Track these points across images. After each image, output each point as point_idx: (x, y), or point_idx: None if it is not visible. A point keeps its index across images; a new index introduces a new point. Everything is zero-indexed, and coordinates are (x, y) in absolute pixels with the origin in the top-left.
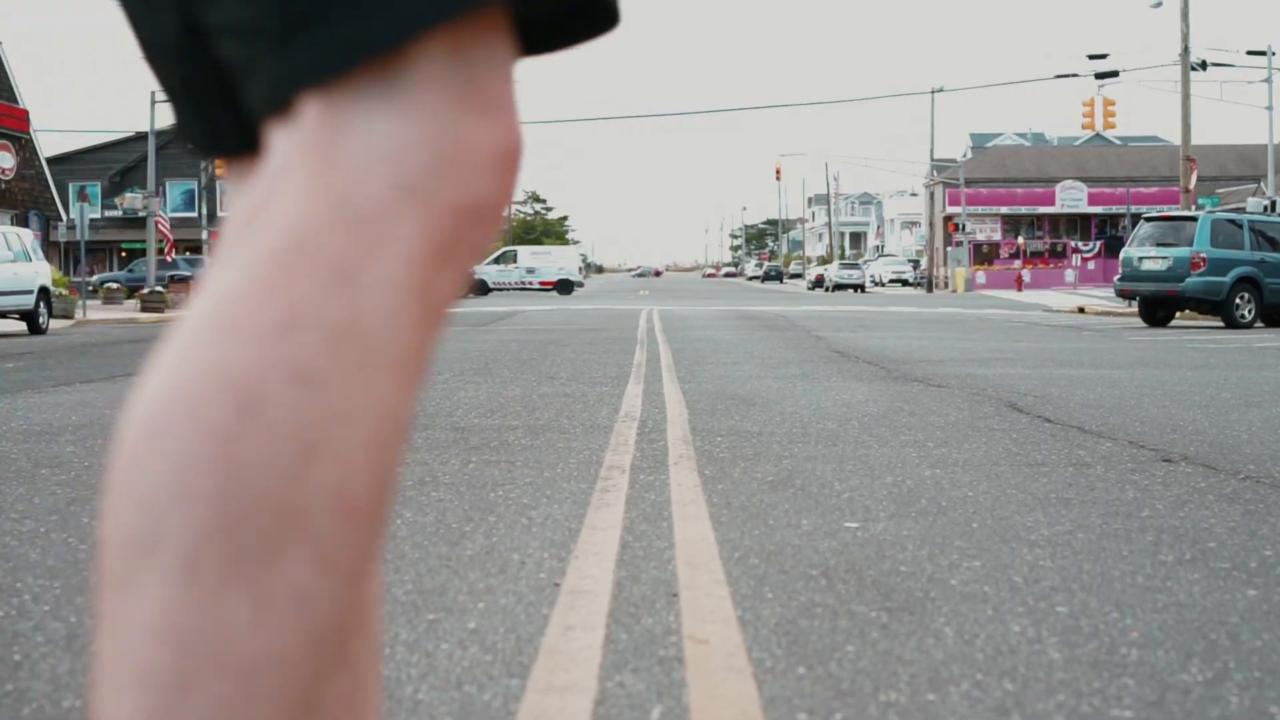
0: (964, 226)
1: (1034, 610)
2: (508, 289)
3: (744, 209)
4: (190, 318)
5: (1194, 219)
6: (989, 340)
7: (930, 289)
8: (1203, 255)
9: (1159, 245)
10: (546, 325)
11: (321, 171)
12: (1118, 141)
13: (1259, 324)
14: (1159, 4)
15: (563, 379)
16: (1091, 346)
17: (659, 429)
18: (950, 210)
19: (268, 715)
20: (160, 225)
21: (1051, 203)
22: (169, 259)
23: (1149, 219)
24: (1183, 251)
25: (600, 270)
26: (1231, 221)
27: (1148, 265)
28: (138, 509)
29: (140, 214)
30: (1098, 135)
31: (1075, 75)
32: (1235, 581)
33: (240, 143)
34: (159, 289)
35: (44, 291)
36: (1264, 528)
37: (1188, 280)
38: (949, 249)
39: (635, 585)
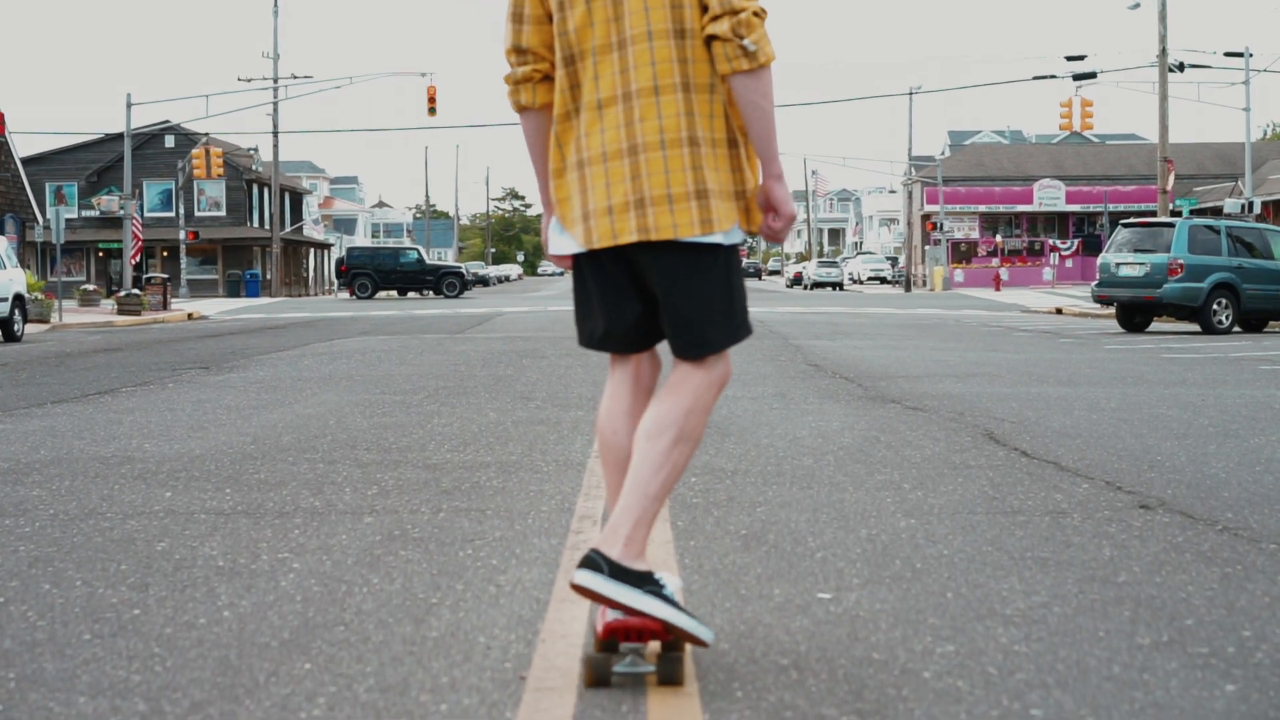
0: (942, 225)
1: (1007, 714)
2: None
3: None
4: (676, 400)
5: (1171, 225)
6: (967, 350)
7: (908, 288)
8: (1180, 261)
9: (1136, 251)
10: (524, 332)
11: (704, 375)
12: (1096, 139)
13: (1236, 329)
14: (1137, 5)
15: (538, 400)
16: (1069, 358)
17: None
18: (928, 208)
19: (676, 475)
20: (133, 227)
21: (1029, 201)
22: (133, 261)
23: (1126, 224)
24: (1160, 258)
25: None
26: (1209, 227)
27: (1125, 271)
28: (665, 430)
29: (117, 214)
30: (1075, 133)
31: (1053, 77)
32: (1213, 673)
33: (626, 350)
34: (135, 291)
35: (19, 298)
36: (1242, 597)
37: (1165, 286)
38: (927, 247)
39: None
